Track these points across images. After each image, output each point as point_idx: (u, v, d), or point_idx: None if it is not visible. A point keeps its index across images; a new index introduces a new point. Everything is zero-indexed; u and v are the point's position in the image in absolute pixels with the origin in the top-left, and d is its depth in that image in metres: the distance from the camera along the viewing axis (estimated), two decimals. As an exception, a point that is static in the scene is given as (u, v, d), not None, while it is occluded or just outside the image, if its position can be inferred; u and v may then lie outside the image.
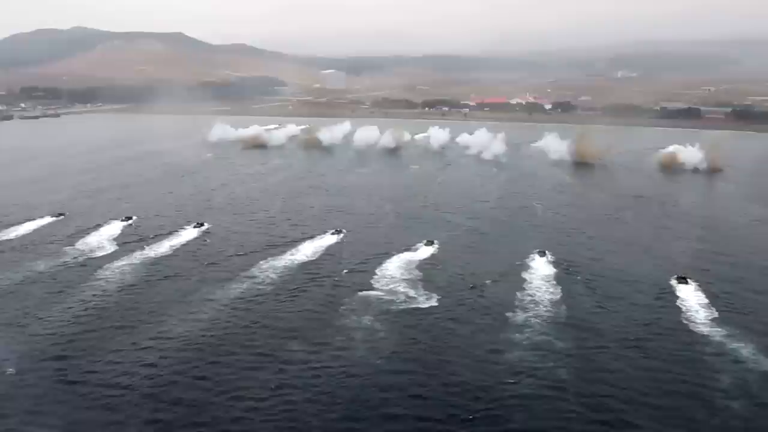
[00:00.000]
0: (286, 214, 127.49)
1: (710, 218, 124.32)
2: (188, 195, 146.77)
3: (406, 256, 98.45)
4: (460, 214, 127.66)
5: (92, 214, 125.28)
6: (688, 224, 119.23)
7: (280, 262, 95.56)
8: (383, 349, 66.04)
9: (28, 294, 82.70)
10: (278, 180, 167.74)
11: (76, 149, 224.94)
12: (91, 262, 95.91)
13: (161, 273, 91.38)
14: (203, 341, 68.92)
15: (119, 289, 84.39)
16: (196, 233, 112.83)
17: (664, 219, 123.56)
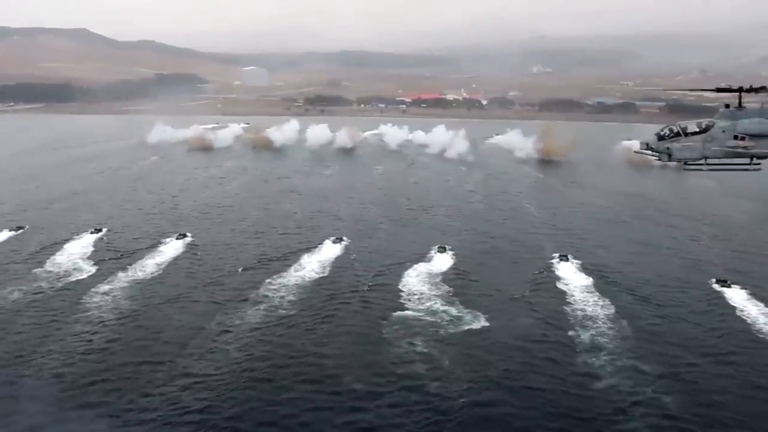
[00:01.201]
0: (269, 222, 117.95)
1: (711, 215, 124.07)
2: (151, 202, 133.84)
3: (424, 266, 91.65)
4: (455, 217, 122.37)
5: (53, 227, 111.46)
6: (693, 222, 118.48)
7: (288, 279, 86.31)
8: (457, 378, 59.05)
9: (13, 330, 70.07)
10: (241, 184, 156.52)
11: (6, 152, 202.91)
12: (72, 286, 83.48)
13: (158, 297, 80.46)
14: (248, 377, 59.78)
15: (119, 320, 73.13)
16: (181, 246, 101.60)
17: (665, 217, 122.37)
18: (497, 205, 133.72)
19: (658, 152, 46.86)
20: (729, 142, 44.46)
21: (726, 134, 44.60)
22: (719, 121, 45.09)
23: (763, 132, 43.68)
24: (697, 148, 45.42)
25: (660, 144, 46.72)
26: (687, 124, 46.75)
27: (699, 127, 45.82)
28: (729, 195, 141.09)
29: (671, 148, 46.23)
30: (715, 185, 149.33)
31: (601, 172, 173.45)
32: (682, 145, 45.88)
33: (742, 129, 43.87)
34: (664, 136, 46.70)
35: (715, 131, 44.97)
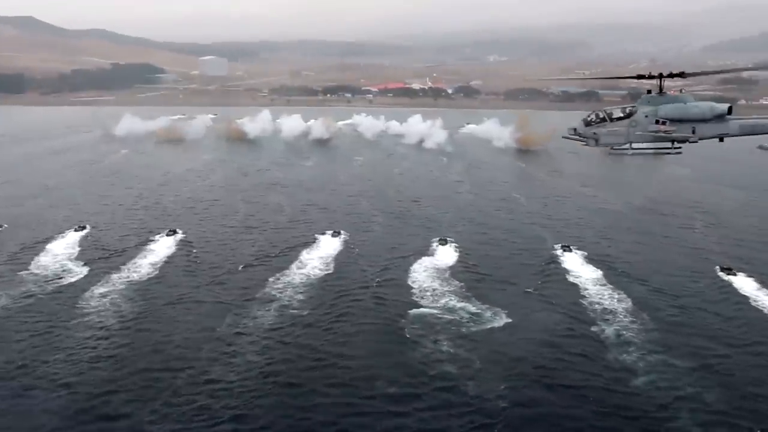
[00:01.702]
0: (260, 217, 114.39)
1: (697, 202, 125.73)
2: (132, 198, 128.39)
3: (428, 260, 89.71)
4: (448, 209, 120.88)
5: (32, 225, 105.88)
6: (683, 209, 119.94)
7: (293, 277, 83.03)
8: (492, 378, 57.20)
9: (9, 338, 65.39)
10: (222, 177, 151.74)
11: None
12: (64, 289, 78.60)
13: (160, 298, 76.38)
14: (273, 382, 56.98)
15: (122, 324, 68.94)
16: (173, 243, 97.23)
17: (653, 205, 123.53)
18: (487, 195, 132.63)
19: (586, 137, 47.75)
20: (651, 127, 45.39)
21: (648, 119, 45.56)
22: (642, 107, 46.07)
23: (682, 116, 44.73)
24: (622, 133, 46.39)
25: (587, 129, 47.65)
26: (612, 109, 47.73)
27: (623, 112, 46.86)
28: (707, 182, 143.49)
29: (598, 134, 47.16)
30: (690, 173, 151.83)
31: (580, 161, 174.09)
32: (607, 130, 46.89)
33: (663, 114, 44.94)
34: (591, 121, 47.60)
35: (639, 116, 45.94)
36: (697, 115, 44.57)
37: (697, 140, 45.41)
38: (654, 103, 45.71)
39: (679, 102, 45.11)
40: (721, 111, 44.44)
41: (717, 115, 44.46)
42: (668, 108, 45.00)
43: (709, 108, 44.60)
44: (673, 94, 45.67)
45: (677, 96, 45.52)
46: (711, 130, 44.93)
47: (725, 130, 44.88)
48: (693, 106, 44.72)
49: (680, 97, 45.44)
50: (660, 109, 45.23)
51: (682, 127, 44.98)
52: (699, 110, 44.58)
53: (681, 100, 45.28)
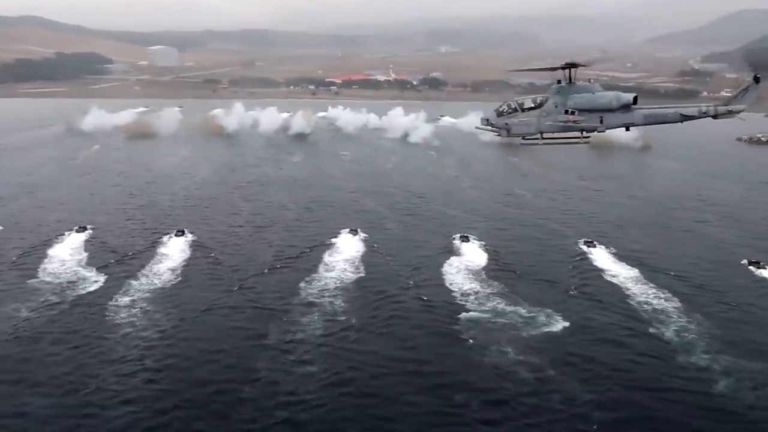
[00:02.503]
0: (266, 215, 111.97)
1: (699, 196, 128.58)
2: (123, 196, 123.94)
3: (457, 259, 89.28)
4: (455, 204, 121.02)
5: (26, 228, 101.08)
6: (692, 202, 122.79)
7: (324, 280, 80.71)
8: (574, 382, 56.80)
9: (45, 353, 61.34)
10: (210, 173, 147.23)
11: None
12: (85, 299, 74.37)
13: (192, 306, 73.19)
14: (352, 392, 55.40)
15: (161, 334, 65.75)
16: (185, 245, 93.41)
17: (660, 198, 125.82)
18: (490, 190, 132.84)
19: (498, 128, 48.37)
20: (560, 117, 46.26)
21: (558, 109, 46.36)
22: (552, 97, 46.78)
23: (589, 106, 45.60)
24: (533, 123, 47.13)
25: (499, 120, 48.25)
26: (524, 99, 48.29)
27: (534, 102, 47.42)
28: (702, 175, 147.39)
29: (509, 124, 47.79)
30: (680, 165, 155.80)
31: (567, 155, 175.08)
32: (519, 120, 47.53)
33: (572, 104, 45.80)
34: (503, 112, 48.13)
35: (549, 106, 46.64)
36: (604, 104, 45.39)
37: (605, 130, 46.65)
38: (563, 94, 46.37)
39: (587, 92, 45.85)
40: (627, 101, 45.25)
41: (623, 105, 45.36)
42: (576, 98, 45.74)
43: (616, 98, 45.38)
44: (582, 84, 46.37)
45: (586, 86, 46.22)
46: (618, 120, 45.93)
47: (631, 120, 46.02)
48: (600, 96, 45.51)
49: (589, 86, 46.16)
50: (569, 99, 46.00)
51: (590, 117, 45.80)
52: (606, 100, 45.37)
53: (589, 90, 46.02)
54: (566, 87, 46.55)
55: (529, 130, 47.57)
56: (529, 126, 47.44)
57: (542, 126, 47.16)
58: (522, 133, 47.81)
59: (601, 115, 45.73)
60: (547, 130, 47.25)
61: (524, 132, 47.74)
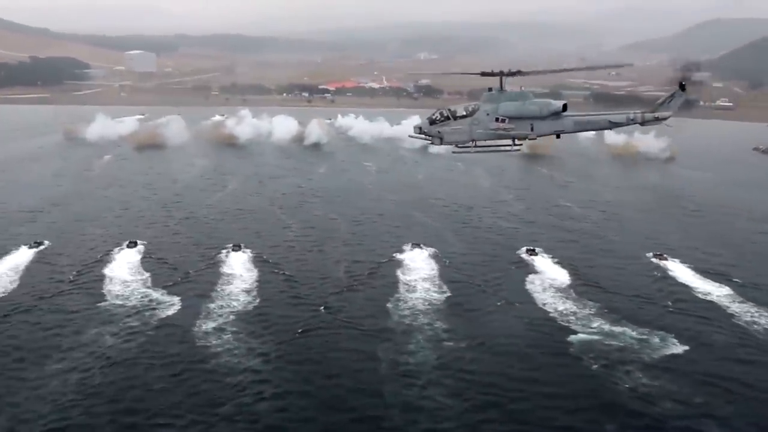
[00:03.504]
0: (318, 229, 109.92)
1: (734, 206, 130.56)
2: (158, 208, 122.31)
3: (536, 276, 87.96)
4: (503, 215, 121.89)
5: (76, 242, 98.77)
6: (730, 215, 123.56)
7: (412, 302, 78.01)
8: (735, 416, 55.32)
9: (152, 383, 58.68)
10: (239, 186, 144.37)
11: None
12: (168, 324, 71.84)
13: (285, 329, 70.97)
14: (505, 418, 53.57)
15: (266, 361, 63.61)
16: (247, 262, 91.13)
17: (703, 210, 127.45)
18: (533, 201, 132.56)
19: (431, 136, 49.05)
20: (492, 125, 47.03)
21: (489, 117, 47.10)
22: (483, 105, 47.49)
23: (520, 114, 46.23)
24: (465, 131, 47.83)
25: (432, 128, 48.88)
26: (456, 107, 49.05)
27: (466, 110, 48.14)
28: (740, 186, 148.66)
29: (442, 132, 48.48)
30: (713, 176, 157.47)
31: (594, 165, 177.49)
32: (451, 128, 48.18)
33: (503, 112, 46.53)
34: (436, 120, 48.76)
35: (480, 114, 47.38)
36: (535, 112, 45.98)
37: (536, 137, 47.31)
38: (494, 101, 46.91)
39: (518, 99, 46.43)
40: (557, 108, 45.83)
41: (553, 113, 45.90)
42: (507, 106, 46.35)
43: (546, 105, 46.00)
44: (513, 92, 46.90)
45: (516, 93, 46.79)
46: (548, 127, 46.48)
47: (561, 127, 46.53)
48: (530, 104, 46.09)
49: (520, 94, 46.75)
50: (500, 107, 46.57)
51: (521, 124, 46.39)
52: (536, 107, 46.00)
53: (520, 97, 46.61)
54: (497, 95, 47.05)
55: (461, 138, 48.20)
56: (461, 134, 47.99)
57: (474, 134, 47.72)
58: (454, 141, 48.46)
59: (531, 123, 46.29)
60: (479, 137, 47.89)
61: (457, 140, 48.39)
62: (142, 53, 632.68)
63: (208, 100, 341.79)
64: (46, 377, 58.87)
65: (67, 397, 56.06)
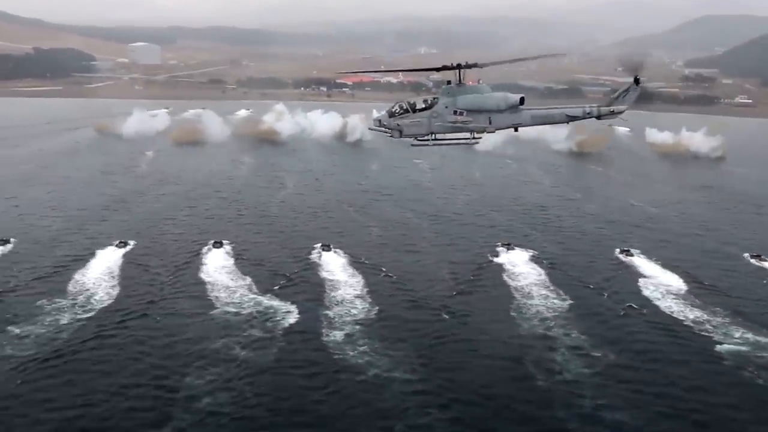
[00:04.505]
0: (400, 231, 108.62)
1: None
2: (226, 206, 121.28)
3: (647, 281, 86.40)
4: (583, 216, 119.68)
5: (161, 241, 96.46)
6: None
7: (534, 308, 75.76)
8: None
9: (319, 395, 56.48)
10: (298, 183, 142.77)
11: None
12: (292, 332, 69.47)
13: (428, 338, 68.45)
14: None
15: (436, 369, 60.90)
16: (346, 265, 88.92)
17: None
18: (603, 202, 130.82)
19: (390, 129, 49.42)
20: (450, 118, 47.67)
21: (448, 110, 47.71)
22: (442, 98, 48.25)
23: (478, 107, 47.04)
24: (424, 123, 48.45)
25: (391, 121, 49.35)
26: (416, 100, 49.88)
27: (425, 103, 48.89)
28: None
29: (401, 125, 48.94)
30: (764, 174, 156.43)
31: (646, 164, 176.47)
32: (410, 121, 48.81)
33: (461, 104, 47.22)
34: (395, 113, 49.39)
35: (439, 107, 48.05)
36: (492, 105, 46.83)
37: (494, 130, 48.22)
38: (452, 94, 47.63)
39: (476, 93, 47.20)
40: (514, 102, 46.72)
41: (510, 106, 46.80)
42: (465, 99, 47.09)
43: (503, 99, 46.84)
44: (471, 85, 47.45)
45: (474, 87, 47.46)
46: (506, 120, 47.43)
47: (519, 120, 47.45)
48: (488, 97, 46.93)
49: (477, 87, 47.48)
50: (458, 99, 47.28)
51: (479, 118, 47.26)
52: (494, 101, 46.84)
53: (478, 90, 47.38)
54: (455, 88, 47.68)
55: (420, 131, 48.73)
56: (420, 127, 48.56)
57: (433, 127, 48.33)
58: (414, 133, 48.92)
59: (489, 116, 47.10)
60: (438, 130, 48.48)
61: (416, 133, 48.85)
62: (146, 45, 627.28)
63: (225, 93, 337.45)
64: (196, 387, 56.61)
65: (224, 409, 54.13)
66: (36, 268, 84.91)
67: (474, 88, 47.66)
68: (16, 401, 54.37)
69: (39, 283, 79.62)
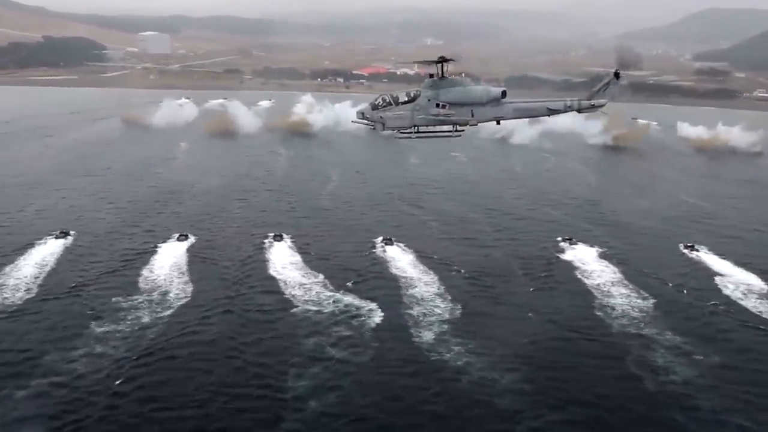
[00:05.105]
0: (460, 225, 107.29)
1: None
2: (278, 197, 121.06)
3: (724, 279, 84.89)
4: (633, 210, 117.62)
5: (221, 234, 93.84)
6: None
7: (619, 307, 74.14)
8: None
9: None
10: (344, 176, 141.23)
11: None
12: (381, 331, 68.01)
13: (535, 338, 67.22)
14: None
15: (540, 367, 59.73)
16: (414, 260, 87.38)
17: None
18: (658, 198, 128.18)
19: (373, 121, 50.42)
20: (432, 111, 48.69)
21: (430, 103, 48.72)
22: (425, 91, 49.22)
23: (460, 100, 48.00)
24: (407, 116, 49.45)
25: (374, 113, 50.28)
26: (399, 93, 50.92)
27: (408, 96, 50.02)
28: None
29: (384, 117, 49.88)
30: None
31: (685, 159, 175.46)
32: (393, 114, 50.06)
33: (443, 98, 48.23)
34: (378, 106, 50.14)
35: (422, 100, 49.03)
36: (475, 98, 47.94)
37: (477, 123, 49.10)
38: (435, 88, 48.55)
39: (458, 86, 48.10)
40: (496, 95, 48.10)
41: (492, 99, 47.96)
42: (447, 92, 48.08)
43: (485, 92, 48.06)
44: (453, 78, 48.22)
45: (457, 80, 48.40)
46: (488, 114, 48.48)
47: (501, 113, 48.66)
48: (471, 90, 48.05)
49: (460, 80, 48.47)
50: (440, 93, 48.20)
51: (461, 111, 48.23)
52: (476, 94, 47.99)
53: (460, 84, 48.26)
54: (438, 81, 48.34)
55: (403, 124, 49.53)
56: (403, 119, 49.34)
57: (416, 119, 49.09)
58: (397, 126, 49.60)
59: (472, 109, 48.04)
60: (421, 123, 49.25)
61: (399, 125, 49.57)
62: (155, 34, 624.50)
63: (243, 84, 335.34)
64: (300, 388, 55.73)
65: (334, 410, 53.46)
66: (101, 261, 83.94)
67: (456, 81, 48.19)
68: (122, 400, 53.41)
69: (109, 278, 78.60)
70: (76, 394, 53.90)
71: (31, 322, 66.51)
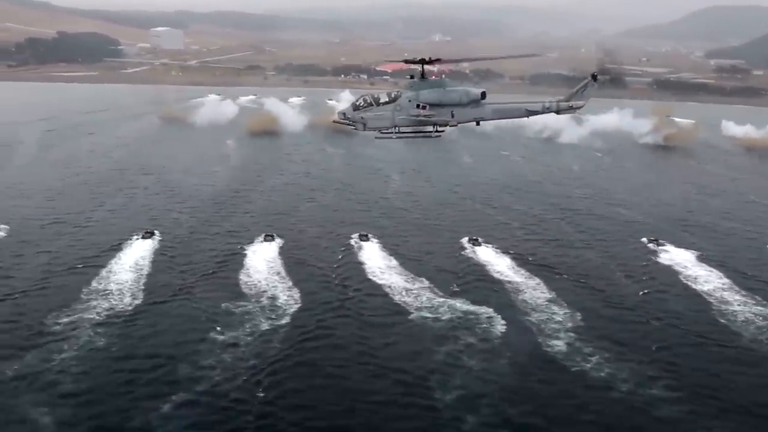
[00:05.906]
0: (540, 226, 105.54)
1: None
2: (346, 197, 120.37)
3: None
4: (709, 212, 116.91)
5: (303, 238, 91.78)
6: None
7: (743, 314, 73.11)
8: None
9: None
10: (404, 179, 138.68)
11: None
12: (486, 338, 66.35)
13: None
14: None
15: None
16: (513, 264, 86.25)
17: None
18: (727, 198, 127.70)
19: (354, 122, 50.23)
20: (413, 111, 48.47)
21: (411, 104, 48.51)
22: (405, 92, 49.29)
23: (440, 101, 47.75)
24: (388, 117, 49.27)
25: (355, 114, 50.16)
26: (380, 94, 50.90)
27: (389, 97, 49.82)
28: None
29: (365, 118, 49.73)
30: None
31: (737, 158, 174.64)
32: (374, 114, 49.63)
33: (423, 98, 48.04)
34: (359, 106, 50.14)
35: (402, 101, 48.89)
36: (454, 99, 47.68)
37: (457, 124, 49.00)
38: (415, 88, 48.58)
39: (438, 87, 48.06)
40: (476, 96, 47.66)
41: (472, 100, 47.64)
42: (427, 93, 47.95)
43: (465, 93, 47.80)
44: (434, 79, 48.51)
45: (437, 81, 48.55)
46: (468, 114, 48.26)
47: (480, 114, 48.32)
48: (450, 91, 47.83)
49: (439, 81, 48.57)
50: (421, 94, 48.12)
51: (442, 111, 48.03)
52: (456, 95, 47.72)
53: (440, 85, 48.28)
54: (418, 82, 48.53)
55: (384, 124, 49.39)
56: (384, 120, 49.22)
57: (397, 120, 48.97)
58: (378, 127, 49.53)
59: (452, 110, 47.82)
60: (402, 124, 49.12)
61: (380, 126, 49.49)
62: (168, 30, 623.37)
63: (267, 80, 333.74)
64: (448, 401, 54.37)
65: (491, 419, 51.56)
66: (194, 263, 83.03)
67: (436, 82, 48.24)
68: (274, 407, 52.45)
69: (209, 282, 77.51)
70: (223, 402, 52.57)
71: (148, 327, 65.25)
